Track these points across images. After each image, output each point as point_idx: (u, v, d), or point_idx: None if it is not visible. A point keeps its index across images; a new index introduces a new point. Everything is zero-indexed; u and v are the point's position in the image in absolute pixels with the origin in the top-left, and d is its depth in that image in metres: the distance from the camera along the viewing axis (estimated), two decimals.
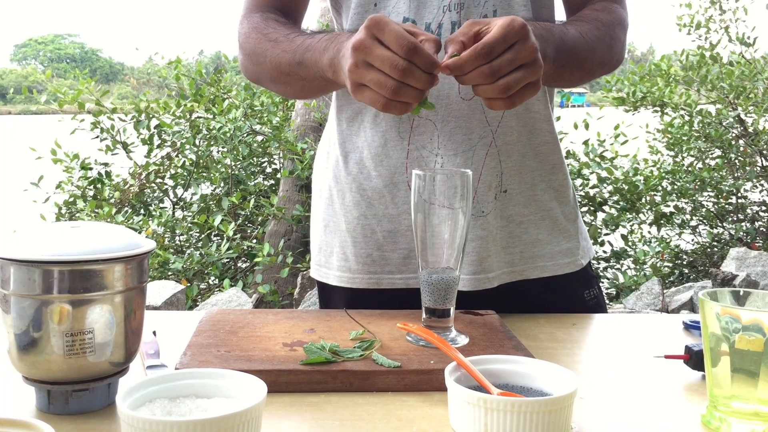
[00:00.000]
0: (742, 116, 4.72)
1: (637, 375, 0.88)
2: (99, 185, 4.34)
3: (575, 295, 1.16)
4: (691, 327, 1.05)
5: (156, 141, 4.49)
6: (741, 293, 0.78)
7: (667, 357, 0.90)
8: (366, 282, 1.13)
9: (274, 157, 4.69)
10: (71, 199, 4.26)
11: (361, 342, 0.88)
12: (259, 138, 4.47)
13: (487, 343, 0.90)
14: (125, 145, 4.47)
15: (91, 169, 4.36)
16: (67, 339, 0.70)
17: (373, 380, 0.80)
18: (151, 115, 4.41)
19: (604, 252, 4.24)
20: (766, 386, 0.71)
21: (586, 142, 4.20)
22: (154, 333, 0.93)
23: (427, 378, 0.81)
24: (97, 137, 4.43)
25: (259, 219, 4.23)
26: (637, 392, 0.83)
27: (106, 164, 4.42)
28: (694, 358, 0.87)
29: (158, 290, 3.08)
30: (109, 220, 3.87)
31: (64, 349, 0.70)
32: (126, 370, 0.77)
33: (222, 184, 4.37)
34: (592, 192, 4.19)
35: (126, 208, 4.28)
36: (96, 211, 4.01)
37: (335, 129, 1.14)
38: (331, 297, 1.20)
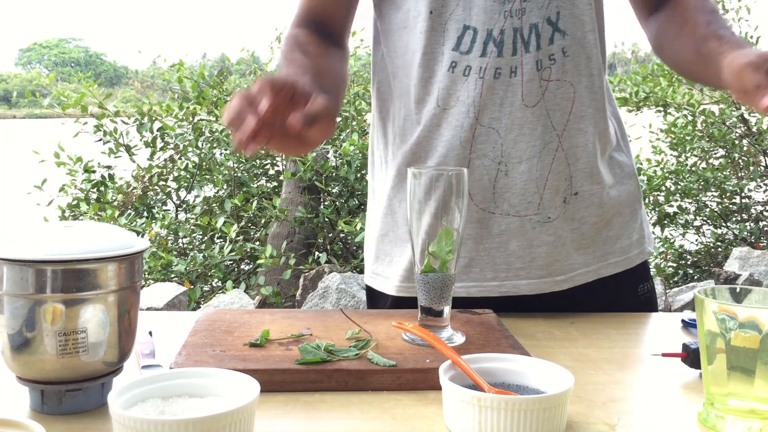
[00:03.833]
0: (746, 116, 4.70)
1: (635, 373, 0.87)
2: (102, 188, 4.35)
3: (629, 290, 1.16)
4: (690, 325, 1.05)
5: (159, 144, 4.50)
6: (738, 290, 0.77)
7: (664, 355, 0.89)
8: None
9: (277, 159, 4.69)
10: (74, 202, 4.28)
11: (356, 341, 0.88)
12: None
13: (483, 342, 0.90)
14: (128, 148, 4.47)
15: (94, 172, 4.37)
16: (60, 339, 0.70)
17: (368, 379, 0.80)
18: (153, 118, 4.42)
19: None
20: (763, 384, 0.70)
21: None
22: (150, 333, 0.93)
23: (422, 377, 0.80)
24: (100, 140, 4.44)
25: (262, 221, 4.23)
26: (634, 390, 0.82)
27: (109, 167, 4.43)
28: (692, 356, 0.86)
29: (160, 292, 3.08)
30: (112, 222, 3.88)
31: (57, 349, 0.70)
32: (120, 369, 0.77)
33: (225, 186, 4.38)
34: None
35: (129, 211, 4.29)
36: (99, 213, 4.02)
37: (393, 136, 1.13)
38: (378, 303, 1.19)
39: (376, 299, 1.21)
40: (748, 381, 0.71)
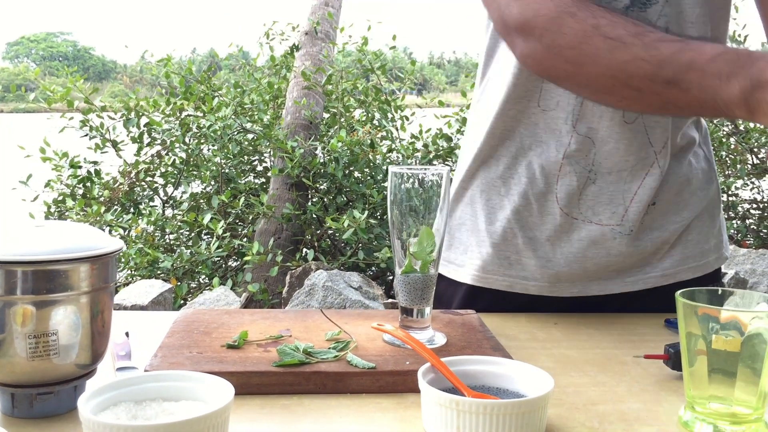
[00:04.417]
0: None
1: (616, 375, 0.87)
2: (88, 184, 4.32)
3: None
4: (674, 325, 1.04)
5: (146, 139, 4.47)
6: (719, 292, 0.77)
7: (646, 356, 0.89)
8: (500, 283, 1.12)
9: (265, 155, 4.67)
10: (60, 198, 4.24)
11: (336, 343, 0.86)
12: (250, 136, 4.45)
13: (464, 344, 0.89)
14: (115, 144, 4.45)
15: (80, 167, 4.35)
16: (30, 341, 0.68)
17: (347, 382, 0.79)
18: (140, 113, 4.39)
19: None
20: (744, 386, 0.70)
21: None
22: (127, 334, 0.92)
23: (402, 379, 0.79)
24: (86, 135, 4.41)
25: (250, 217, 4.21)
26: (615, 392, 0.81)
27: (95, 162, 4.40)
28: (674, 358, 0.86)
29: (145, 289, 3.06)
30: (98, 218, 3.85)
31: (28, 352, 0.68)
32: (93, 372, 0.75)
33: (212, 183, 4.36)
34: None
35: (115, 207, 4.26)
36: (85, 209, 3.99)
37: (488, 127, 1.11)
38: (447, 291, 1.19)
39: (444, 286, 1.20)
40: (729, 384, 0.70)
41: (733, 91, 0.75)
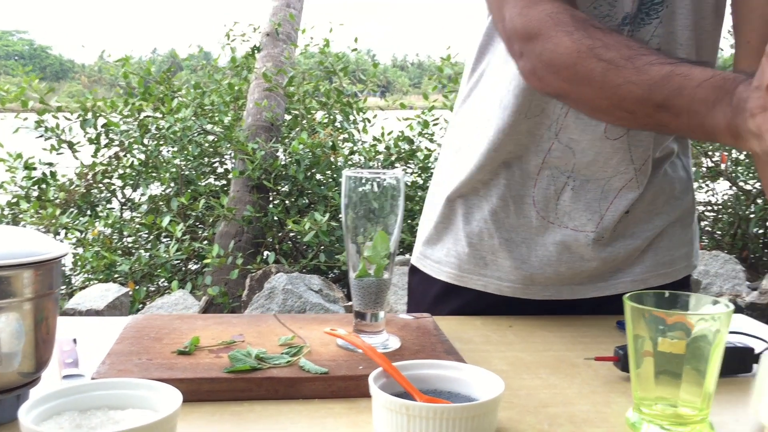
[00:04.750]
0: None
1: (567, 377, 0.88)
2: (43, 186, 4.23)
3: None
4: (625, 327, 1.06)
5: (103, 140, 4.39)
6: (667, 295, 0.78)
7: (597, 359, 0.90)
8: (475, 282, 1.13)
9: (225, 157, 4.63)
10: (14, 200, 4.15)
11: (289, 348, 0.86)
12: (210, 138, 4.41)
13: (418, 348, 0.89)
14: (71, 145, 4.36)
15: (35, 169, 4.25)
16: None
17: (299, 387, 0.78)
18: (98, 114, 4.32)
19: None
20: (689, 388, 0.71)
21: None
22: (74, 341, 0.90)
23: (354, 384, 0.79)
24: (42, 136, 4.32)
25: (210, 220, 4.17)
26: (566, 395, 0.82)
27: (51, 164, 4.32)
28: (623, 360, 0.87)
29: (101, 293, 3.00)
30: (53, 221, 3.77)
31: None
32: (37, 380, 0.73)
33: (172, 185, 4.30)
34: None
35: (72, 209, 4.18)
36: (40, 212, 3.91)
37: (476, 143, 1.10)
38: (420, 286, 1.20)
39: (417, 282, 1.21)
40: (675, 385, 0.71)
41: (717, 118, 0.74)
